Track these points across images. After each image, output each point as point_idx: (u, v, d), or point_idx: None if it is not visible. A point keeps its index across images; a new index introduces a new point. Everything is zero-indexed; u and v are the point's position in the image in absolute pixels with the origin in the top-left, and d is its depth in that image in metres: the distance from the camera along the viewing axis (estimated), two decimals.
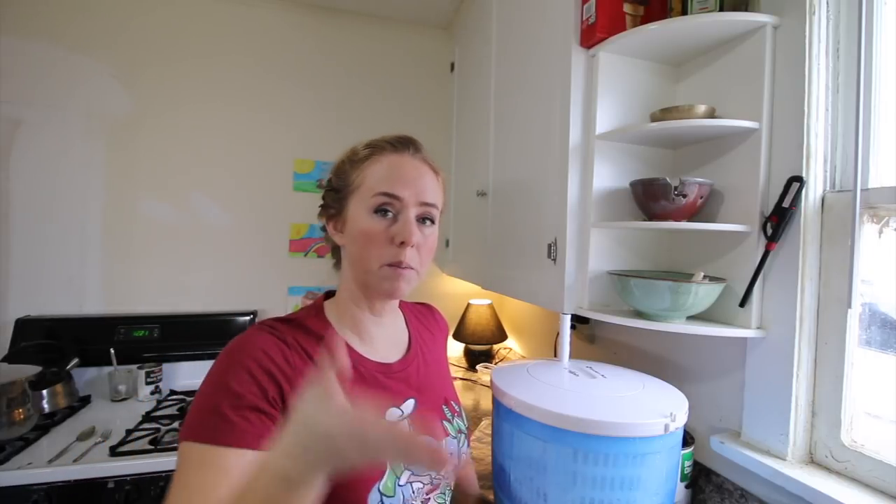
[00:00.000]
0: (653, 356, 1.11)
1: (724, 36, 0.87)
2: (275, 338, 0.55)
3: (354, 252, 0.61)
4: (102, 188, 1.62)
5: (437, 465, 0.34)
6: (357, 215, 0.60)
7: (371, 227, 0.59)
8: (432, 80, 2.01)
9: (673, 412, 0.71)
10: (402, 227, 0.59)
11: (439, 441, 0.63)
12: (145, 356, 1.53)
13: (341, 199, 0.63)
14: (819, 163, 0.76)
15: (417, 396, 0.66)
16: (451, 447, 0.67)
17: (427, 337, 0.78)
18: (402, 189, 0.59)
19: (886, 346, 0.72)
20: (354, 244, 0.61)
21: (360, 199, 0.60)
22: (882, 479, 0.68)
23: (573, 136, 0.97)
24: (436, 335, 0.81)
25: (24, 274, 1.54)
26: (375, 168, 0.61)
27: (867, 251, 0.72)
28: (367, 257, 0.59)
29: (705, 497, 0.93)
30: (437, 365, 0.76)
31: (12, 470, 1.03)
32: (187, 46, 1.70)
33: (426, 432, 0.61)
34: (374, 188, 0.59)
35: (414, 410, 0.64)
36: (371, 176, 0.60)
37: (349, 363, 0.50)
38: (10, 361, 1.34)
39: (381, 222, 0.59)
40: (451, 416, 0.71)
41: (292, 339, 0.56)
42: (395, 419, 0.61)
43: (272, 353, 0.53)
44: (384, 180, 0.60)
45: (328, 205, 0.66)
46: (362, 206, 0.60)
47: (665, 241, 1.05)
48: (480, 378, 1.76)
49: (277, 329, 0.57)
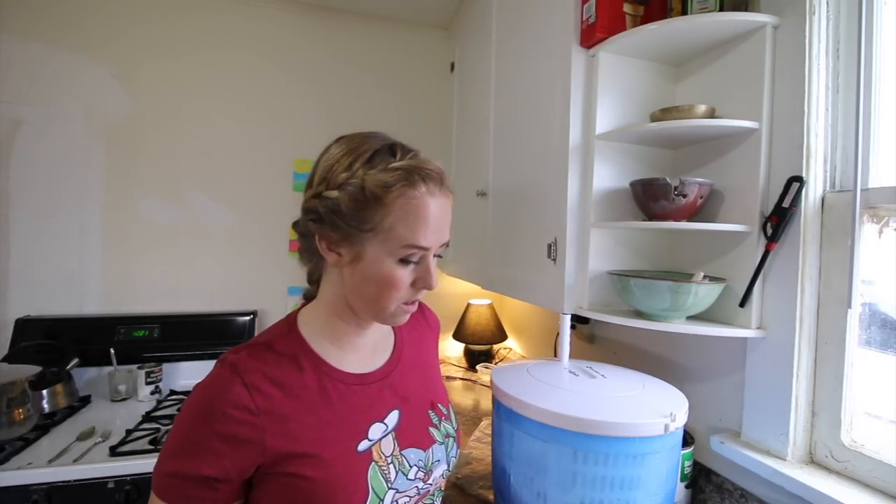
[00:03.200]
0: (653, 356, 1.11)
1: (724, 36, 0.87)
2: (239, 384, 0.51)
3: (370, 291, 0.57)
4: (102, 188, 1.62)
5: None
6: (379, 259, 0.55)
7: (396, 275, 0.56)
8: (432, 80, 2.01)
9: (673, 412, 0.71)
10: (425, 274, 0.57)
11: (425, 450, 0.63)
12: (145, 356, 1.53)
13: (353, 234, 0.55)
14: (819, 163, 0.76)
15: (402, 406, 0.64)
16: (439, 454, 0.66)
17: (415, 337, 0.75)
18: (431, 239, 0.56)
19: (886, 346, 0.72)
20: (371, 285, 0.57)
21: (386, 244, 0.55)
22: (882, 479, 0.68)
23: (573, 136, 0.97)
24: (425, 334, 0.79)
25: (24, 274, 1.54)
26: (408, 213, 0.54)
27: (867, 251, 0.72)
28: (386, 301, 0.57)
29: (705, 497, 0.93)
30: (425, 367, 0.74)
31: (12, 470, 1.03)
32: (187, 46, 1.70)
33: (411, 445, 0.62)
34: (405, 239, 0.54)
35: (399, 422, 0.63)
36: (402, 223, 0.54)
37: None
38: (10, 361, 1.34)
39: (406, 269, 0.56)
40: (438, 420, 0.69)
41: (258, 376, 0.53)
42: (380, 435, 0.60)
43: (236, 413, 0.50)
44: (416, 231, 0.54)
45: (326, 223, 0.56)
46: (386, 252, 0.55)
47: (665, 241, 1.05)
48: (480, 378, 1.76)
49: (241, 368, 0.53)
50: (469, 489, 1.00)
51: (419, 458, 0.63)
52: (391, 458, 0.59)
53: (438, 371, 0.79)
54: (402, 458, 0.61)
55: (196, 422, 0.51)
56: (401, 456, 0.60)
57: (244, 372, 0.53)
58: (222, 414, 0.50)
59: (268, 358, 0.56)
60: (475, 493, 0.99)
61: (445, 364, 1.96)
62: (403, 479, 0.60)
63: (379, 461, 0.58)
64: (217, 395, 0.51)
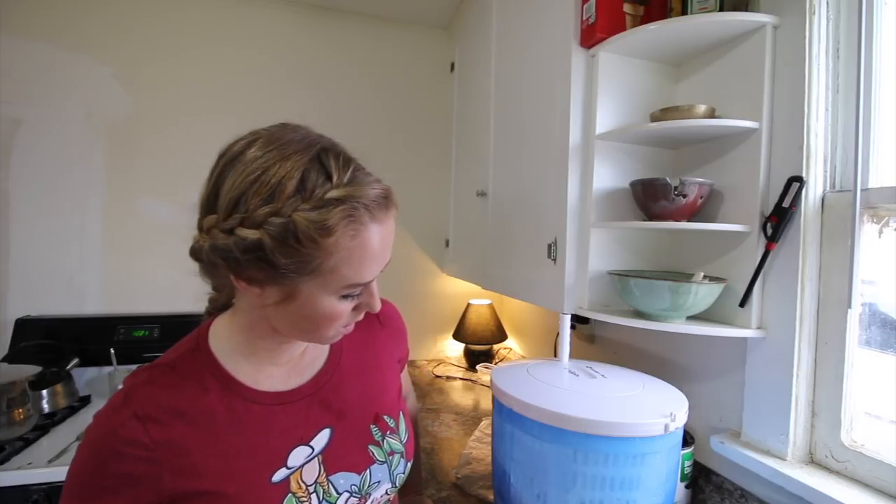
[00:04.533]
0: (653, 356, 1.11)
1: (724, 36, 0.87)
2: (130, 417, 0.46)
3: (302, 325, 0.50)
4: (102, 188, 1.62)
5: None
6: (317, 298, 0.47)
7: (338, 310, 0.49)
8: (432, 80, 2.01)
9: (673, 412, 0.71)
10: (369, 299, 0.51)
11: (360, 473, 0.57)
12: (145, 356, 1.52)
13: (284, 277, 0.45)
14: (819, 163, 0.76)
15: (335, 423, 0.57)
16: (379, 475, 0.59)
17: (361, 339, 0.65)
18: (376, 270, 0.49)
19: (886, 346, 0.72)
20: (307, 321, 0.49)
21: (326, 285, 0.46)
22: (882, 479, 0.68)
23: (573, 135, 0.97)
24: (376, 334, 0.68)
25: (24, 274, 1.54)
26: (352, 252, 0.45)
27: (867, 251, 0.72)
28: (324, 331, 0.50)
29: (705, 497, 0.93)
30: (371, 373, 0.65)
31: (12, 470, 1.02)
32: (187, 46, 1.70)
33: (342, 468, 0.56)
34: (349, 279, 0.46)
35: (329, 442, 0.56)
36: (346, 264, 0.45)
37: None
38: (10, 361, 1.34)
39: (347, 302, 0.49)
40: (381, 436, 0.61)
41: (154, 406, 0.47)
42: (302, 461, 0.53)
43: (129, 449, 0.45)
44: (362, 269, 0.47)
45: (243, 264, 0.44)
46: (325, 292, 0.47)
47: (665, 241, 1.05)
48: (480, 378, 1.76)
49: (135, 397, 0.48)
50: (469, 489, 1.00)
51: (352, 483, 0.56)
52: (314, 485, 0.53)
53: (392, 375, 0.69)
54: (328, 484, 0.54)
55: (90, 458, 0.46)
56: (327, 482, 0.54)
57: (138, 402, 0.47)
58: (114, 451, 0.45)
59: (169, 382, 0.50)
60: (475, 493, 0.99)
61: (445, 364, 1.96)
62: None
63: (297, 492, 0.51)
64: (109, 430, 0.46)
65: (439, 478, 1.05)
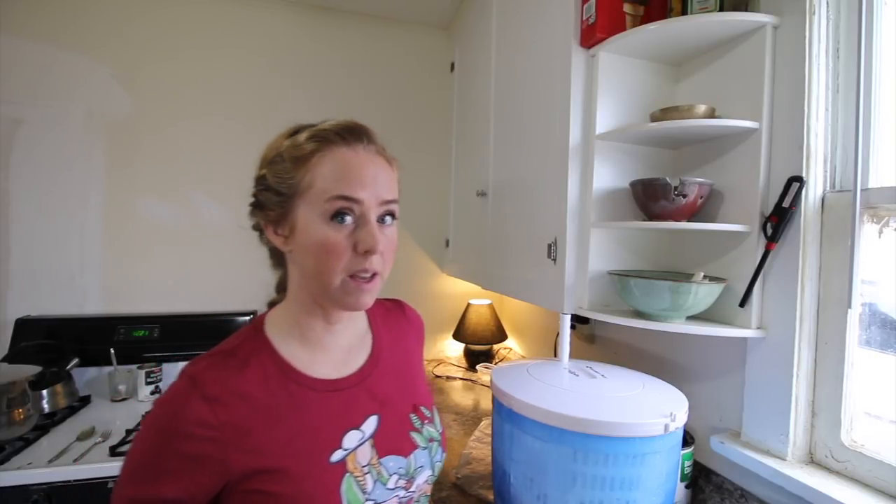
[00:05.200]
0: (653, 356, 1.11)
1: (724, 36, 0.87)
2: (197, 398, 0.49)
3: (309, 264, 0.54)
4: (102, 188, 1.62)
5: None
6: (309, 223, 0.53)
7: (330, 237, 0.52)
8: (432, 80, 2.01)
9: (673, 412, 0.71)
10: (365, 235, 0.52)
11: (406, 457, 0.61)
12: (145, 356, 1.52)
13: (284, 202, 0.54)
14: (819, 163, 0.76)
15: (381, 410, 0.61)
16: (422, 460, 0.62)
17: (395, 337, 0.71)
18: (359, 190, 0.52)
19: (886, 346, 0.72)
20: (309, 256, 0.53)
21: (312, 203, 0.52)
22: (882, 479, 0.68)
23: (573, 136, 0.97)
24: (407, 334, 0.74)
25: (24, 274, 1.54)
26: (326, 166, 0.53)
27: (867, 251, 0.72)
28: (327, 271, 0.53)
29: (705, 497, 0.93)
30: (406, 368, 0.70)
31: (12, 470, 1.02)
32: (187, 46, 1.70)
33: (390, 452, 0.60)
34: (328, 191, 0.52)
35: (377, 428, 0.59)
36: (322, 176, 0.52)
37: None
38: (10, 361, 1.34)
39: (341, 230, 0.52)
40: (420, 424, 0.65)
41: (219, 387, 0.50)
42: (355, 443, 0.56)
43: (196, 429, 0.47)
44: (339, 181, 0.52)
45: (264, 206, 0.56)
46: (315, 213, 0.52)
47: (665, 241, 1.05)
48: (480, 378, 1.76)
49: (200, 380, 0.50)
50: (469, 489, 1.00)
51: (400, 466, 0.59)
52: (368, 467, 0.56)
53: (422, 372, 0.75)
54: (380, 466, 0.57)
55: (154, 441, 0.48)
56: (379, 464, 0.57)
57: (204, 384, 0.49)
58: (181, 431, 0.47)
59: (230, 366, 0.52)
60: (475, 493, 0.99)
61: (445, 364, 1.96)
62: (382, 488, 0.56)
63: (354, 471, 0.55)
64: (175, 411, 0.48)
65: (439, 478, 1.05)
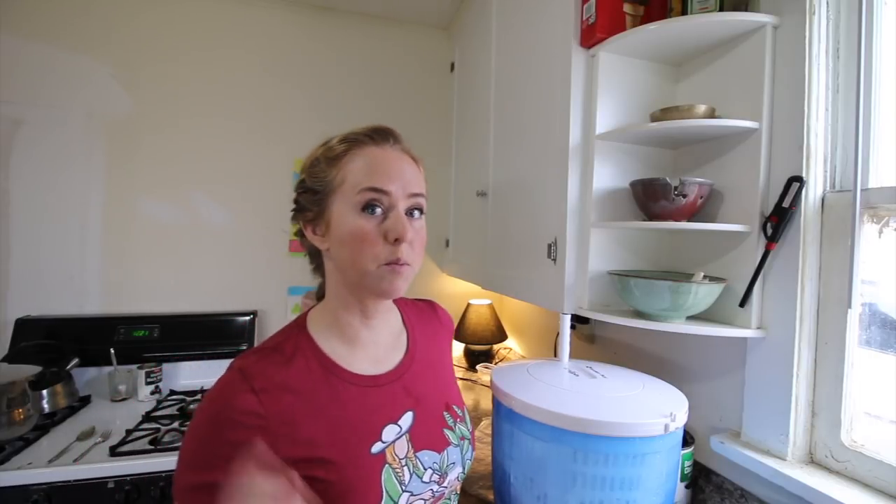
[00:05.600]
0: (653, 356, 1.11)
1: (724, 36, 0.87)
2: (247, 390, 0.51)
3: (344, 255, 0.57)
4: (102, 188, 1.62)
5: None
6: (343, 215, 0.57)
7: (361, 226, 0.56)
8: (432, 80, 2.01)
9: (673, 412, 0.71)
10: (394, 223, 0.56)
11: (440, 452, 0.62)
12: (145, 356, 1.52)
13: (320, 199, 0.59)
14: (819, 163, 0.76)
15: (416, 407, 0.63)
16: (454, 457, 0.64)
17: (428, 336, 0.74)
18: (388, 183, 0.56)
19: (886, 346, 0.72)
20: (343, 247, 0.57)
21: (344, 197, 0.57)
22: (882, 479, 0.68)
23: (573, 136, 0.97)
24: (438, 334, 0.77)
25: (24, 274, 1.54)
26: (356, 163, 0.57)
27: (867, 251, 0.72)
28: (361, 259, 0.56)
29: (705, 497, 0.93)
30: (438, 367, 0.72)
31: (12, 470, 1.02)
32: (187, 46, 1.70)
33: (425, 447, 0.61)
34: (358, 184, 0.56)
35: (413, 423, 0.61)
36: (353, 172, 0.57)
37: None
38: (10, 361, 1.34)
39: (372, 220, 0.56)
40: (453, 422, 0.67)
41: (266, 380, 0.53)
42: (393, 437, 0.59)
43: (246, 419, 0.50)
44: (369, 175, 0.56)
45: (304, 207, 0.61)
46: (347, 205, 0.57)
47: (665, 241, 1.05)
48: (480, 378, 1.76)
49: (249, 373, 0.53)
50: (469, 489, 1.00)
51: (434, 461, 0.62)
52: (405, 460, 0.59)
53: (452, 372, 0.77)
54: (416, 460, 0.60)
55: (207, 430, 0.50)
56: (415, 458, 0.60)
57: (252, 377, 0.52)
58: (232, 421, 0.50)
59: (277, 361, 0.55)
60: (475, 493, 0.99)
61: None
62: (418, 481, 0.59)
63: (393, 463, 0.57)
64: (226, 402, 0.51)
65: None
